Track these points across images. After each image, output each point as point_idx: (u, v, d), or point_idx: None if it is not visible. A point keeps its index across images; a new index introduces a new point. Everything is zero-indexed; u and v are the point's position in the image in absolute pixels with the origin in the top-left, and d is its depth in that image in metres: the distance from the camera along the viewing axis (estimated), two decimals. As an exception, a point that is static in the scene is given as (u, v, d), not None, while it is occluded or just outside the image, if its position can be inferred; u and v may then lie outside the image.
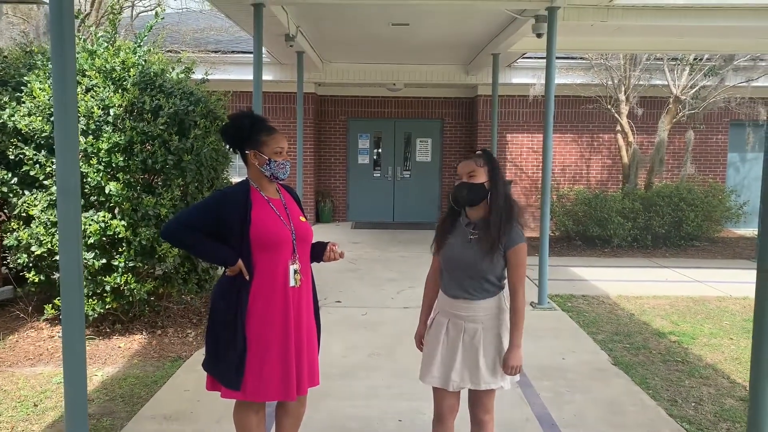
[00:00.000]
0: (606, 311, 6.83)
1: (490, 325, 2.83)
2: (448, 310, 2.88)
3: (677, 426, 4.00)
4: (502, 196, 2.80)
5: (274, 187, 2.92)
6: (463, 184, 2.80)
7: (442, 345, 2.86)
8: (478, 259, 2.76)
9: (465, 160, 2.84)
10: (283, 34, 8.34)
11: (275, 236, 2.76)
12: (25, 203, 5.29)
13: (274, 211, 2.82)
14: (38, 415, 4.05)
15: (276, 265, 2.77)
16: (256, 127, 2.82)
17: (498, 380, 2.83)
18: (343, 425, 3.90)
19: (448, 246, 2.87)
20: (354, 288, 7.69)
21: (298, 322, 2.82)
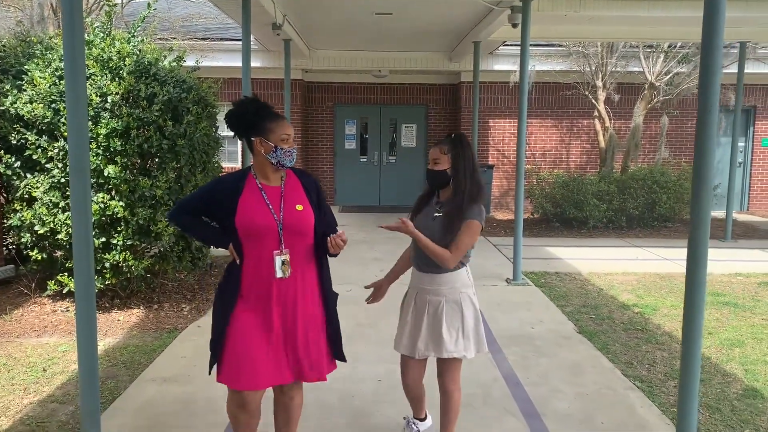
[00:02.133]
0: (577, 287, 7.26)
1: (452, 299, 3.04)
2: (415, 284, 3.14)
3: (630, 384, 4.43)
4: (467, 181, 2.98)
5: (278, 175, 2.85)
6: (427, 170, 3.10)
7: (410, 315, 3.11)
8: (439, 231, 2.98)
9: (433, 146, 3.08)
10: (270, 23, 8.64)
11: (257, 225, 2.72)
12: (27, 185, 5.61)
13: (263, 200, 2.77)
14: (48, 378, 4.41)
15: (260, 255, 2.74)
16: (261, 113, 2.80)
17: (461, 350, 3.03)
18: (329, 386, 4.28)
19: (417, 221, 3.09)
20: (340, 268, 8.02)
21: (288, 315, 2.77)
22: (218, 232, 2.86)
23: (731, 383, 4.47)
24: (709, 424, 3.84)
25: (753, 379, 4.52)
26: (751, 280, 7.62)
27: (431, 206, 3.12)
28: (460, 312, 3.03)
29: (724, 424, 3.85)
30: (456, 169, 3.00)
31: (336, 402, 4.03)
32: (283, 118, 2.83)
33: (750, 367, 4.77)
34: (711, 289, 7.14)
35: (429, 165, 3.08)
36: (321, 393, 4.15)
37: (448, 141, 3.04)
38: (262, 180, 2.83)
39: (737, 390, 4.35)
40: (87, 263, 3.31)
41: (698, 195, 3.27)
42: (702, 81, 3.26)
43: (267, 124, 2.77)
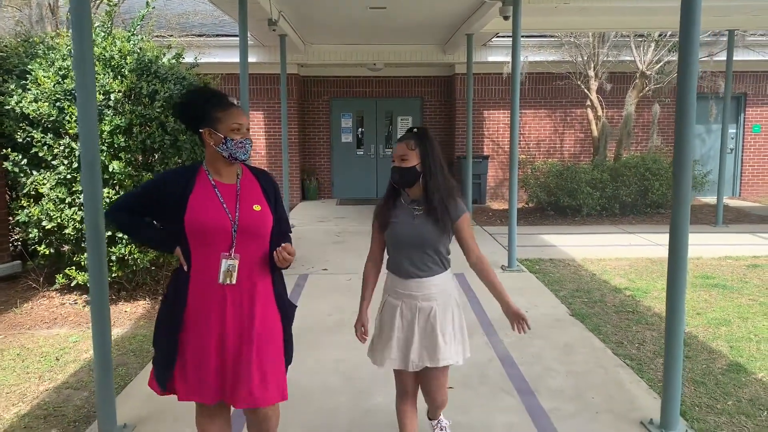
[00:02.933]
0: (570, 272, 7.45)
1: (444, 302, 2.86)
2: (400, 292, 2.87)
3: (620, 362, 4.62)
4: (438, 176, 2.81)
5: (233, 171, 2.60)
6: (394, 168, 2.84)
7: (397, 329, 2.85)
8: (427, 231, 2.80)
9: (399, 143, 2.85)
10: (265, 18, 8.77)
11: (208, 225, 2.47)
12: (34, 182, 5.77)
13: (216, 198, 2.52)
14: (61, 367, 4.58)
15: (210, 259, 2.49)
16: (210, 102, 2.53)
17: (454, 356, 2.86)
18: (331, 370, 4.47)
19: (395, 225, 2.86)
20: (339, 257, 8.25)
21: (237, 325, 2.53)
22: (162, 234, 2.61)
23: (716, 359, 4.67)
24: (694, 397, 4.03)
25: (737, 355, 4.72)
26: (740, 262, 7.82)
27: (404, 207, 2.89)
28: (451, 315, 2.88)
29: (708, 396, 4.04)
30: (426, 164, 2.81)
31: (338, 384, 4.21)
32: (235, 106, 2.56)
33: (735, 344, 4.96)
34: (701, 271, 7.34)
35: (395, 162, 2.83)
36: (324, 376, 4.33)
37: (413, 136, 2.83)
38: (215, 176, 2.57)
39: (722, 365, 4.55)
40: (99, 254, 3.48)
41: (678, 180, 3.46)
42: (680, 69, 3.44)
43: (215, 113, 2.50)
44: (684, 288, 3.57)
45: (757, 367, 4.50)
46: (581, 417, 3.73)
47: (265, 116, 13.63)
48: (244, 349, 2.51)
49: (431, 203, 2.80)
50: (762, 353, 4.76)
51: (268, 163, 13.75)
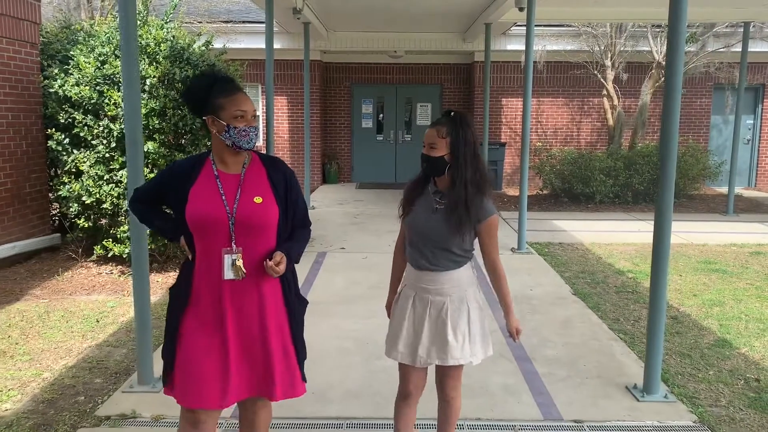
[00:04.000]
0: (578, 255, 7.77)
1: (458, 298, 2.67)
2: (414, 283, 2.73)
3: (614, 336, 4.96)
4: (468, 170, 2.57)
5: (239, 160, 2.47)
6: (422, 155, 2.65)
7: (408, 320, 2.71)
8: (443, 230, 2.62)
9: (430, 128, 2.63)
10: (290, 7, 9.13)
11: (205, 217, 2.37)
12: (75, 160, 6.23)
13: (217, 189, 2.41)
14: (101, 328, 5.05)
15: (210, 252, 2.40)
16: (215, 88, 2.42)
17: (467, 355, 2.68)
18: (346, 335, 4.88)
19: (414, 214, 2.71)
20: (356, 237, 8.65)
21: (246, 324, 2.43)
22: (171, 223, 2.56)
23: (705, 335, 4.99)
24: (679, 367, 4.37)
25: (725, 332, 5.04)
26: (744, 250, 8.07)
27: (427, 197, 2.71)
28: (467, 313, 2.67)
29: (691, 367, 4.38)
30: (455, 156, 2.57)
31: (352, 347, 4.62)
32: (240, 92, 2.44)
33: (725, 322, 5.28)
34: (704, 257, 7.62)
35: (424, 149, 2.64)
36: (340, 341, 4.74)
37: (446, 121, 2.59)
38: (219, 166, 2.46)
39: (709, 341, 4.87)
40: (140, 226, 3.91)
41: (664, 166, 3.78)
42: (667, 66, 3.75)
43: (218, 99, 2.39)
44: (666, 265, 3.91)
45: (742, 342, 4.82)
46: (571, 381, 4.09)
47: (289, 101, 14.02)
48: (253, 348, 2.43)
49: (454, 201, 2.58)
50: (749, 331, 5.07)
51: (291, 147, 14.17)
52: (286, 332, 2.50)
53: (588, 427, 3.49)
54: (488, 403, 3.76)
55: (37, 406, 3.72)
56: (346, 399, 3.79)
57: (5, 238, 6.61)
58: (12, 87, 6.66)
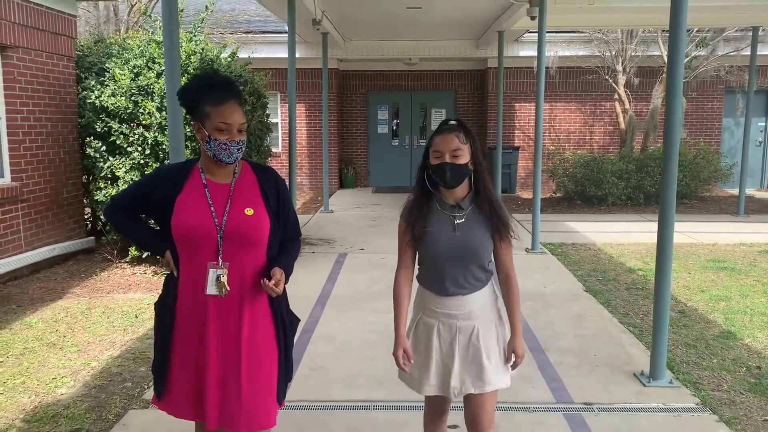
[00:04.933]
0: (590, 255, 8.03)
1: (487, 319, 2.50)
2: (436, 310, 2.51)
3: (624, 329, 5.23)
4: (486, 173, 2.49)
5: (227, 171, 2.33)
6: (444, 165, 2.39)
7: (435, 351, 2.50)
8: (473, 243, 2.43)
9: (445, 134, 2.43)
10: (310, 18, 9.50)
11: (190, 229, 2.24)
12: (110, 166, 6.61)
13: (205, 199, 2.28)
14: (140, 323, 5.40)
15: (196, 266, 2.27)
16: (207, 93, 2.26)
17: (504, 378, 2.53)
18: (371, 328, 5.19)
19: (431, 236, 2.46)
20: (375, 239, 8.97)
21: (230, 345, 2.30)
22: (156, 235, 2.41)
23: (710, 328, 5.24)
24: (684, 356, 4.63)
25: (730, 325, 5.29)
26: (753, 249, 8.28)
27: (440, 214, 2.48)
28: (495, 333, 2.52)
29: (696, 356, 4.64)
30: (479, 161, 2.46)
31: (375, 339, 4.92)
32: (229, 101, 2.25)
33: (731, 316, 5.52)
34: (714, 256, 7.84)
35: (444, 158, 2.39)
36: (363, 334, 5.05)
37: (460, 128, 2.45)
38: (208, 175, 2.32)
39: (714, 333, 5.12)
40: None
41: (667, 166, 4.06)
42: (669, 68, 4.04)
43: (206, 106, 2.24)
44: (670, 260, 4.18)
45: (746, 334, 5.07)
46: (582, 369, 4.37)
47: (306, 108, 14.40)
48: (230, 371, 2.30)
49: (492, 205, 2.45)
50: (753, 324, 5.32)
51: (309, 153, 14.54)
52: (272, 353, 2.35)
53: (597, 409, 3.77)
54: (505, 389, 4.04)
55: (90, 391, 4.06)
56: (372, 385, 4.10)
57: (45, 241, 6.99)
58: (51, 98, 7.06)
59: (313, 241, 8.72)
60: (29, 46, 6.69)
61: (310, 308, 5.68)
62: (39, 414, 3.73)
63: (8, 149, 6.49)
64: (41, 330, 5.17)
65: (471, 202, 2.47)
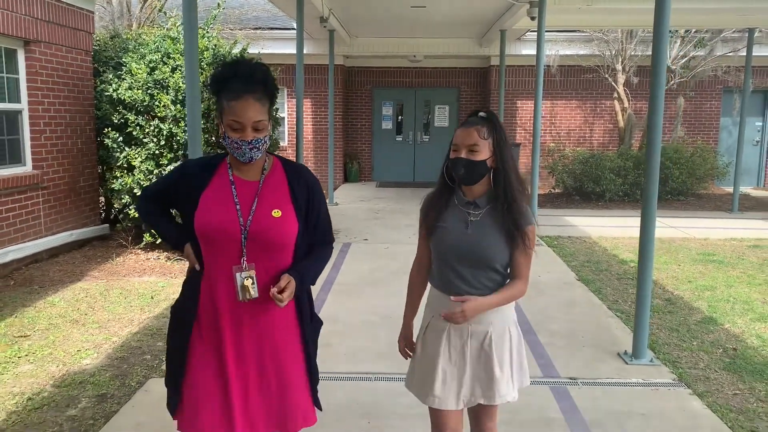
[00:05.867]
0: (585, 247, 8.34)
1: (500, 326, 2.36)
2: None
3: (612, 314, 5.54)
4: (512, 174, 2.31)
5: (257, 167, 2.21)
6: (459, 160, 2.29)
7: (443, 357, 2.36)
8: (486, 243, 2.30)
9: (466, 127, 2.31)
10: (318, 16, 9.80)
11: (213, 228, 2.12)
12: (127, 156, 6.94)
13: (231, 197, 2.16)
14: (156, 303, 5.73)
15: (220, 269, 2.15)
16: (228, 86, 2.11)
17: (512, 390, 2.39)
18: (373, 311, 5.50)
19: (443, 231, 2.36)
20: (378, 231, 9.29)
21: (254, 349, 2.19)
22: (177, 229, 2.29)
23: (693, 314, 5.55)
24: (666, 339, 4.94)
25: (712, 312, 5.59)
26: (743, 243, 8.57)
27: (455, 209, 2.38)
28: (509, 341, 2.38)
29: (678, 339, 4.95)
30: (502, 158, 2.30)
31: (377, 320, 5.24)
32: (243, 96, 2.07)
33: (714, 304, 5.83)
34: (704, 250, 8.14)
35: (460, 153, 2.29)
36: (366, 315, 5.37)
37: (484, 122, 2.31)
38: (235, 171, 2.21)
39: (697, 319, 5.43)
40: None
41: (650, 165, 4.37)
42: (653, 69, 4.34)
43: (223, 100, 2.11)
44: (652, 248, 4.49)
45: (727, 320, 5.38)
46: (570, 348, 4.68)
47: (312, 104, 14.71)
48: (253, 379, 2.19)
49: (509, 206, 2.29)
50: (734, 311, 5.62)
51: (314, 147, 14.85)
52: (299, 358, 2.26)
53: (581, 383, 4.08)
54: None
55: (112, 362, 4.39)
56: (374, 360, 4.42)
57: (63, 227, 7.33)
58: (69, 90, 7.39)
59: (318, 232, 9.04)
60: (50, 40, 7.02)
61: (315, 293, 6.00)
62: (67, 381, 4.07)
63: (30, 139, 6.83)
64: (63, 308, 5.51)
65: (489, 201, 2.33)
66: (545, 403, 3.78)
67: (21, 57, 6.71)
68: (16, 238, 6.55)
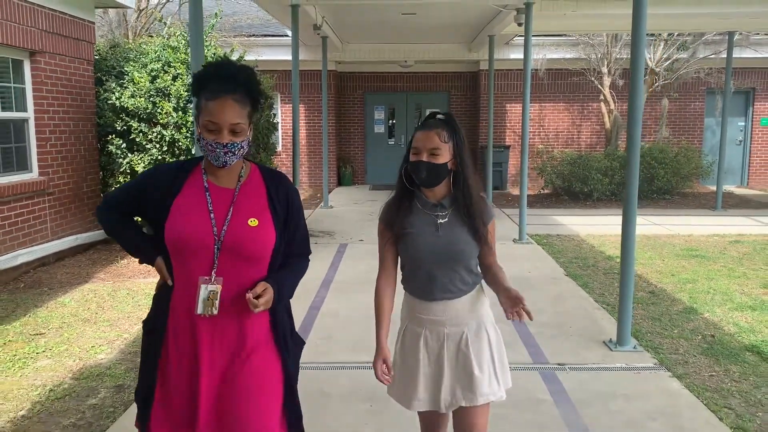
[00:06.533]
0: (573, 244, 8.64)
1: (477, 325, 2.36)
2: (422, 317, 2.38)
3: (598, 306, 5.82)
4: (472, 175, 2.34)
5: (233, 173, 2.09)
6: (420, 163, 2.27)
7: (422, 362, 2.35)
8: (459, 243, 2.31)
9: (425, 130, 2.29)
10: (311, 24, 10.08)
11: (185, 237, 1.98)
12: (130, 161, 7.18)
13: (205, 204, 2.03)
14: (162, 302, 5.97)
15: (188, 280, 2.01)
16: (206, 84, 2.00)
17: (496, 390, 2.35)
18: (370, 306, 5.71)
19: (413, 236, 2.33)
20: (372, 231, 9.46)
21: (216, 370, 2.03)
22: (147, 241, 2.12)
23: (675, 305, 5.85)
24: (649, 328, 5.24)
25: (693, 302, 5.90)
26: (725, 239, 8.90)
27: (421, 213, 2.36)
28: (487, 339, 2.36)
29: (660, 327, 5.25)
30: (462, 160, 2.32)
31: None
32: (224, 97, 1.95)
33: (695, 295, 6.13)
34: (688, 245, 8.46)
35: (421, 156, 2.28)
36: (364, 310, 5.56)
37: (443, 124, 2.31)
38: (210, 177, 2.08)
39: (678, 309, 5.73)
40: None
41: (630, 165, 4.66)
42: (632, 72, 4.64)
43: (201, 99, 2.00)
44: (633, 241, 4.79)
45: (707, 310, 5.68)
46: (558, 337, 4.96)
47: (306, 109, 14.98)
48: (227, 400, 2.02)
49: (469, 208, 2.32)
50: (714, 301, 5.92)
51: (308, 152, 15.11)
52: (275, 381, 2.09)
53: (569, 368, 4.36)
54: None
55: (126, 356, 4.64)
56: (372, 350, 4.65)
57: (68, 231, 7.55)
58: (72, 99, 7.62)
59: (315, 234, 9.29)
60: (54, 51, 7.25)
61: (316, 290, 6.26)
62: (85, 373, 4.31)
63: (36, 146, 7.05)
64: (74, 308, 5.74)
65: (452, 202, 2.35)
66: (535, 386, 4.05)
67: (27, 67, 6.94)
68: (25, 242, 6.77)
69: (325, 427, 3.55)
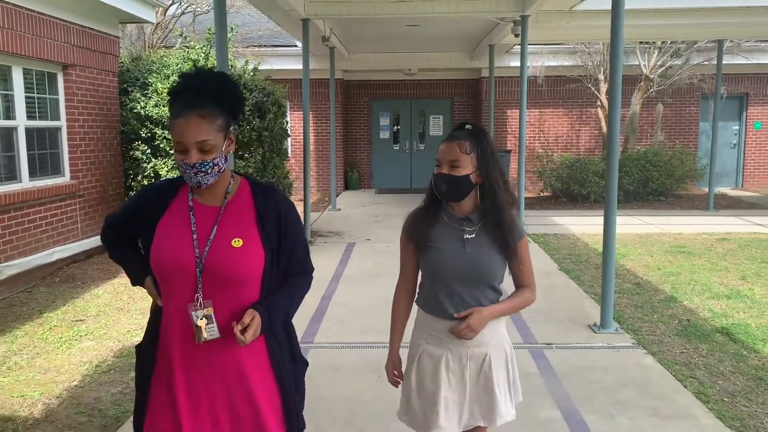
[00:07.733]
0: (568, 243, 9.15)
1: (497, 345, 2.30)
2: (443, 338, 2.27)
3: (587, 296, 6.34)
4: (501, 189, 2.21)
5: (218, 191, 1.96)
6: (441, 176, 2.20)
7: (444, 385, 2.25)
8: (486, 262, 2.22)
9: (448, 142, 2.21)
10: (320, 36, 10.65)
11: (165, 259, 1.89)
12: (154, 166, 7.74)
13: (188, 224, 1.92)
14: (187, 294, 6.52)
15: (172, 305, 1.91)
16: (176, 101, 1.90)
17: (510, 408, 2.32)
18: (377, 296, 6.30)
19: (437, 251, 2.25)
20: (379, 232, 10.09)
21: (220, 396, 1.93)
22: (137, 260, 2.06)
23: (657, 294, 6.37)
24: (632, 314, 5.75)
25: (674, 292, 6.41)
26: (712, 237, 9.40)
27: (447, 227, 2.27)
28: (505, 360, 2.33)
29: (641, 313, 5.76)
30: (487, 172, 2.20)
31: (381, 304, 6.01)
32: (187, 114, 1.83)
33: (677, 286, 6.64)
34: (676, 243, 8.96)
35: (442, 168, 2.21)
36: (372, 300, 6.16)
37: (467, 135, 2.21)
38: (195, 195, 1.97)
39: (660, 298, 6.24)
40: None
41: (610, 167, 5.19)
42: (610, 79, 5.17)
43: (172, 118, 1.89)
44: (614, 237, 5.31)
45: (686, 299, 6.19)
46: (548, 322, 5.49)
47: (314, 116, 15.56)
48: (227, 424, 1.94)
49: (499, 224, 2.21)
50: (695, 291, 6.43)
51: (316, 157, 15.68)
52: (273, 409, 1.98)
53: (555, 347, 4.89)
54: (484, 334, 5.17)
55: (159, 339, 5.18)
56: (381, 332, 5.19)
57: (96, 231, 8.11)
58: (99, 108, 8.20)
59: (324, 234, 9.84)
60: (84, 64, 7.84)
61: (327, 283, 6.80)
62: (125, 353, 4.86)
63: (68, 152, 7.63)
64: (108, 299, 6.30)
65: (480, 217, 2.23)
66: (524, 362, 4.57)
67: (60, 80, 7.53)
68: (59, 240, 7.34)
69: (339, 393, 4.08)
